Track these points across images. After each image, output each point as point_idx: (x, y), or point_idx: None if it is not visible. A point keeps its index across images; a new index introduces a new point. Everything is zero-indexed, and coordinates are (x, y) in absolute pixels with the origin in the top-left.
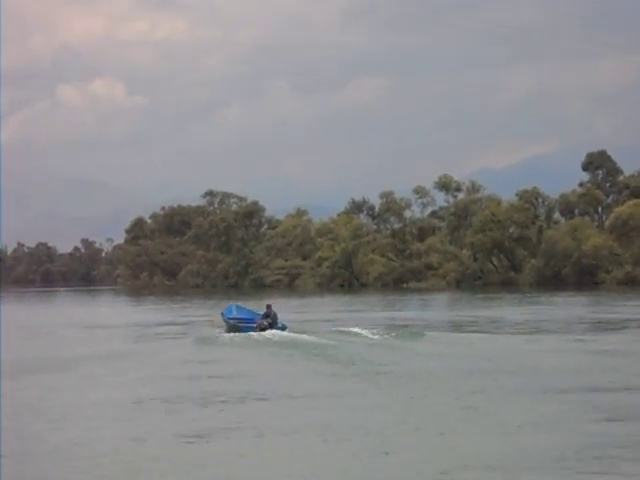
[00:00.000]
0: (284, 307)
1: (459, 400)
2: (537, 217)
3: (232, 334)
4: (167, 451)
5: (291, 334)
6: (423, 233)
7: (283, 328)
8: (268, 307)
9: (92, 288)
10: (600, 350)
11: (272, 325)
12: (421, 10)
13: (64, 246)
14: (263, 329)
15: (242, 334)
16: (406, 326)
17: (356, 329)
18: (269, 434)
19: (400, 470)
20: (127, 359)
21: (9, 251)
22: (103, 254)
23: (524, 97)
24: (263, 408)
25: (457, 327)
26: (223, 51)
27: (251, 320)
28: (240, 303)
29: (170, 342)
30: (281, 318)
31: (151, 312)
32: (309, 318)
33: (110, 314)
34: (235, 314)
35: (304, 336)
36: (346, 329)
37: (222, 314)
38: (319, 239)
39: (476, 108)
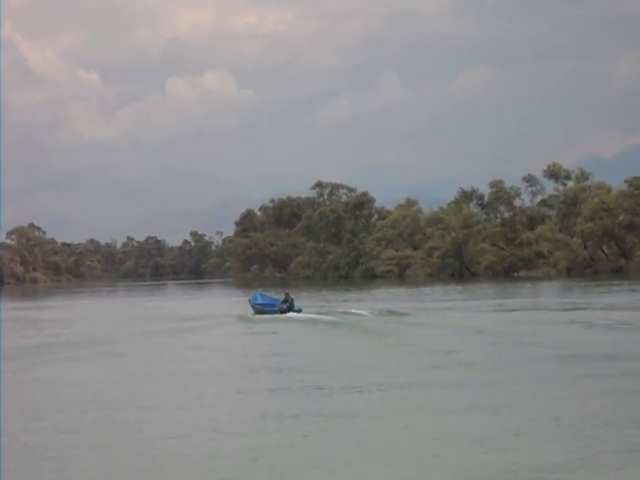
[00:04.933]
0: (393, 296)
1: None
2: None
3: (261, 315)
4: None
5: (306, 315)
6: (533, 222)
7: (299, 311)
8: (286, 294)
9: (202, 281)
10: None
11: (290, 308)
12: None
13: (174, 240)
14: (283, 312)
15: (268, 315)
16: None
17: (356, 310)
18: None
19: None
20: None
21: (118, 245)
22: (213, 247)
23: (634, 84)
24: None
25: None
26: (331, 42)
27: (273, 305)
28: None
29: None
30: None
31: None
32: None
33: (216, 305)
34: (260, 300)
35: (316, 316)
36: (349, 310)
37: (249, 300)
38: (429, 229)
39: (584, 95)
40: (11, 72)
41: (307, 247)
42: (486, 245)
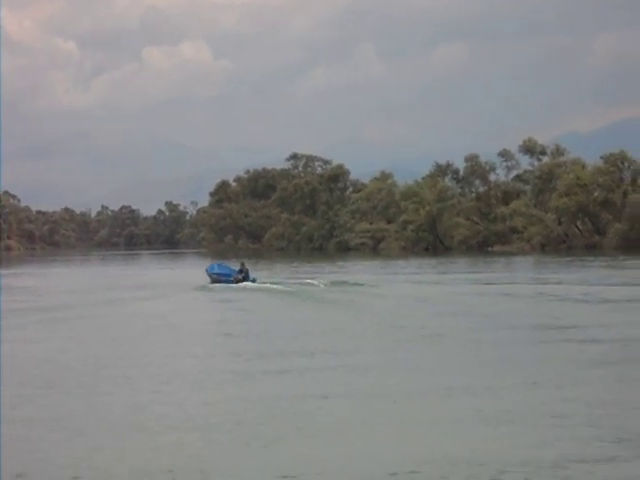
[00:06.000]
0: (365, 268)
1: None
2: (622, 181)
3: (217, 284)
4: None
5: (259, 284)
6: (508, 197)
7: (253, 280)
8: (242, 264)
9: (176, 251)
10: None
11: (245, 278)
12: None
13: (148, 209)
14: (238, 281)
15: (224, 285)
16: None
17: (309, 280)
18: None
19: None
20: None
21: (93, 214)
22: (187, 217)
23: (612, 61)
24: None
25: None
26: (309, 14)
27: (229, 275)
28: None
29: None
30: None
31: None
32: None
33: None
34: (216, 270)
35: (270, 285)
36: (303, 280)
37: (206, 270)
38: (404, 202)
39: (563, 72)
40: None
41: (281, 219)
42: (460, 219)
